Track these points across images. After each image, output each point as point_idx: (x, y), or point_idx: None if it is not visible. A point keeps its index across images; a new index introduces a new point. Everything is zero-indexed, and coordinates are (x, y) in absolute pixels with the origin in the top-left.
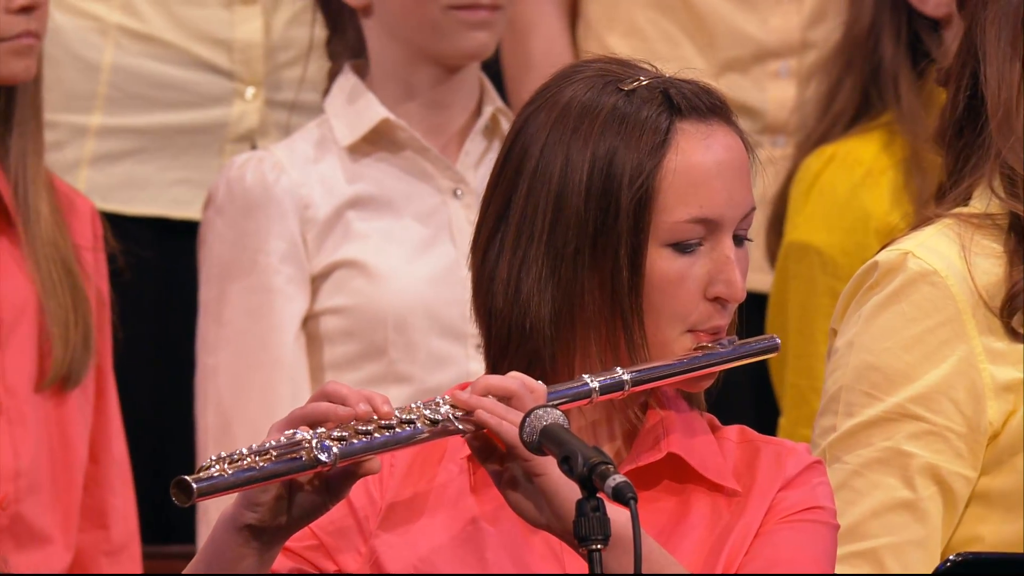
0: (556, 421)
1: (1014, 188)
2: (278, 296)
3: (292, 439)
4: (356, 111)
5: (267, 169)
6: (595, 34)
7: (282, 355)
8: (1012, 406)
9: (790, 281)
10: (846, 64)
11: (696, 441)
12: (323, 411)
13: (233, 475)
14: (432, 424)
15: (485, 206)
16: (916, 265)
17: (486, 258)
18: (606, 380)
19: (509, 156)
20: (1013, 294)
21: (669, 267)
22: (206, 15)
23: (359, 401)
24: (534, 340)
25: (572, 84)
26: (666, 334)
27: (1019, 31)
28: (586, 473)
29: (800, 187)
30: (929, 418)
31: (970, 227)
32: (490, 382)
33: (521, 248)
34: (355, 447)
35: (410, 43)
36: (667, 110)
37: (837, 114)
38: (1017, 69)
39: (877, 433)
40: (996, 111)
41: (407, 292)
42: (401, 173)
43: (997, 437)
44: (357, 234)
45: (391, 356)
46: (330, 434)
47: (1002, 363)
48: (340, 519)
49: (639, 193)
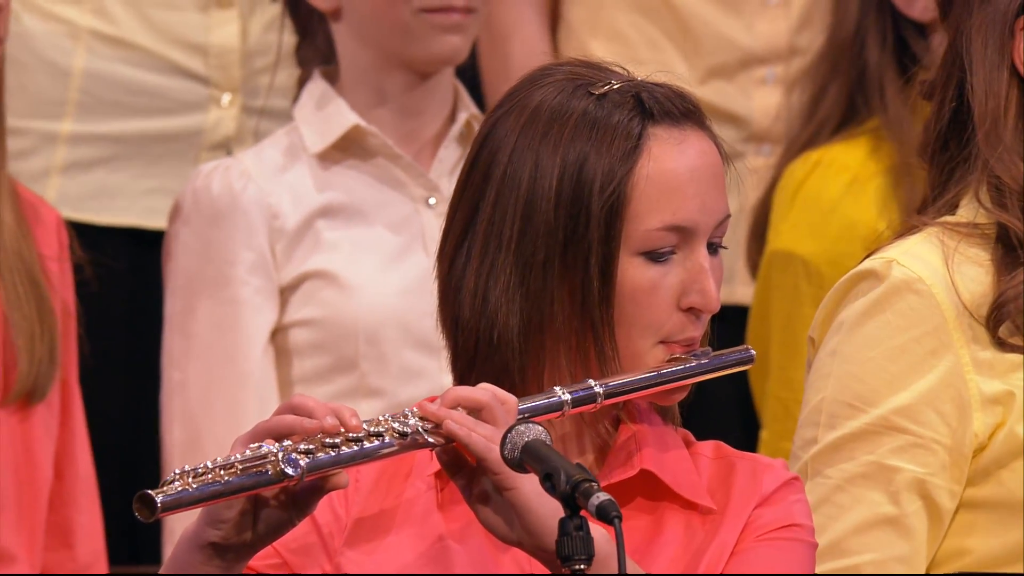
0: (538, 437)
1: (1002, 199)
2: (246, 308)
3: (258, 452)
4: (326, 117)
5: (234, 178)
6: (576, 39)
7: (250, 369)
8: (999, 418)
9: (773, 291)
10: (831, 69)
11: (670, 457)
12: (289, 424)
13: (197, 489)
14: (401, 437)
15: (452, 213)
16: (901, 273)
17: (453, 267)
18: (578, 392)
19: (476, 161)
20: (1000, 303)
21: (641, 276)
22: (181, 19)
23: (326, 414)
24: (502, 352)
25: (541, 88)
26: (638, 345)
27: (1006, 38)
28: (569, 491)
29: (784, 194)
30: (914, 430)
31: (956, 235)
32: (460, 394)
33: (489, 257)
34: (322, 460)
35: (381, 48)
36: (639, 115)
37: (822, 120)
38: (1004, 77)
39: (860, 446)
40: (983, 121)
41: (379, 304)
42: (372, 181)
43: (983, 450)
44: (327, 244)
45: (362, 369)
46: (297, 447)
47: (988, 374)
48: (304, 536)
49: (610, 200)
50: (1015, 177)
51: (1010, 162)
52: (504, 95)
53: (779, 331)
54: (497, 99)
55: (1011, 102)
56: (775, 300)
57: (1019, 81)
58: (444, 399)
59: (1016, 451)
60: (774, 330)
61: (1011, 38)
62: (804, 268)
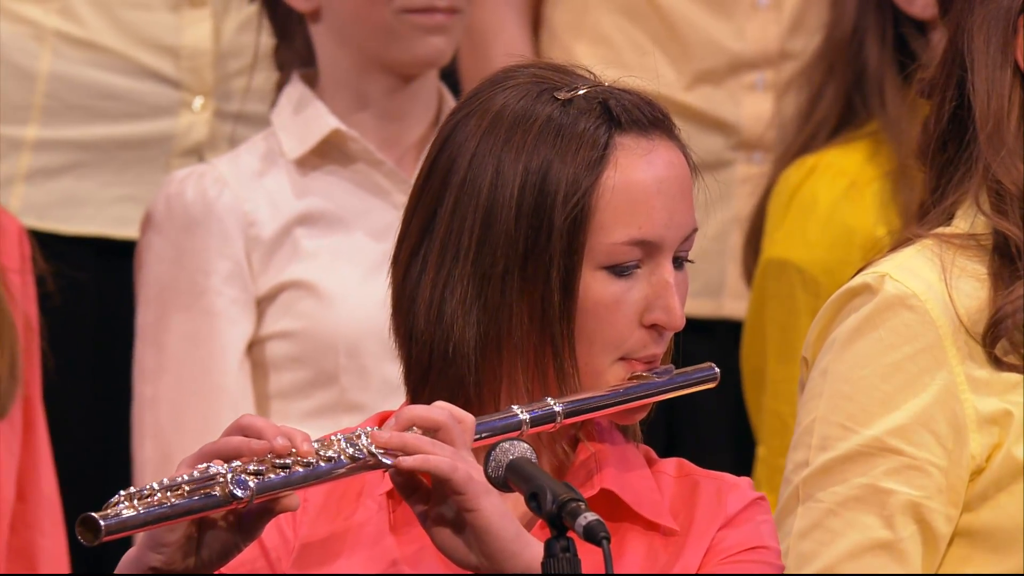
0: (523, 455)
1: (1002, 205)
2: (221, 320)
3: (205, 473)
4: (305, 122)
5: (208, 184)
6: (560, 42)
7: (225, 383)
8: (996, 439)
9: (768, 301)
10: (828, 70)
11: (631, 476)
12: (236, 445)
13: (143, 512)
14: (353, 460)
15: (408, 218)
16: (894, 288)
17: (407, 275)
18: (537, 412)
19: (435, 166)
20: (996, 320)
21: (604, 291)
22: (151, 19)
23: (276, 435)
24: (458, 366)
25: (504, 91)
26: (598, 362)
27: (1009, 36)
28: (555, 511)
29: (779, 200)
30: (909, 452)
31: (952, 248)
32: (415, 413)
33: (446, 267)
34: (273, 482)
35: (362, 50)
36: (606, 123)
37: (818, 123)
38: (1008, 76)
39: (853, 469)
40: (985, 122)
41: (360, 315)
42: (353, 188)
43: (981, 472)
44: (306, 253)
45: (343, 384)
46: (246, 468)
47: (985, 393)
48: (252, 561)
49: (574, 211)
50: (1016, 182)
51: (1012, 165)
52: (464, 97)
53: (775, 342)
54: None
55: (1014, 103)
56: (770, 310)
57: (1022, 81)
58: (399, 419)
59: (1015, 474)
60: (770, 341)
61: (1014, 35)
62: (800, 277)
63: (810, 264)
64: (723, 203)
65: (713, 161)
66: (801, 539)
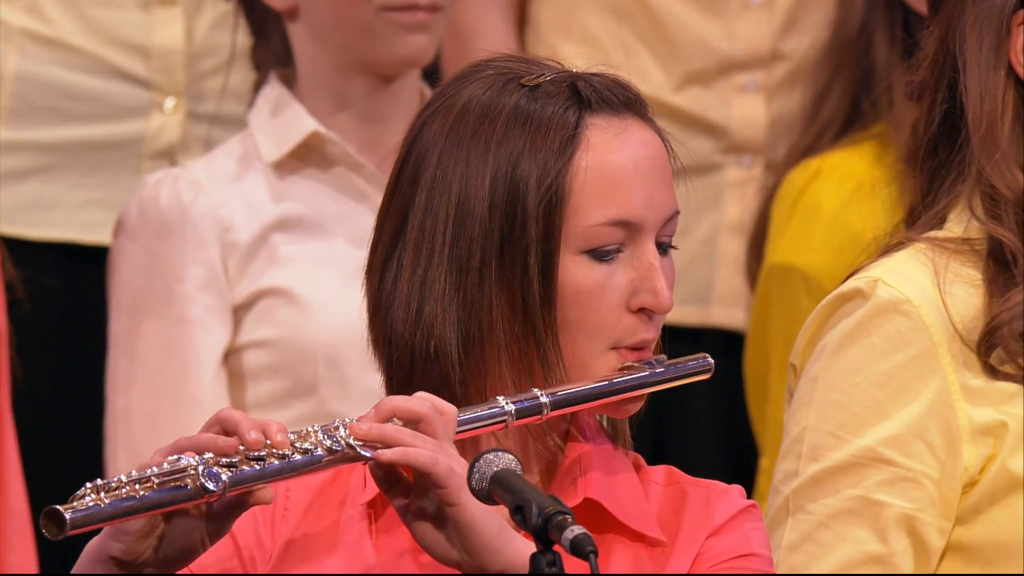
0: (508, 466)
1: (996, 210)
2: (196, 328)
3: (176, 465)
4: (282, 124)
5: (183, 188)
6: (545, 41)
7: (200, 394)
8: (991, 450)
9: (772, 307)
10: (834, 68)
11: (617, 484)
12: (203, 443)
13: (110, 505)
14: (331, 452)
15: (380, 223)
16: (887, 293)
17: (383, 281)
18: (522, 403)
19: (404, 167)
20: (992, 328)
21: (585, 276)
22: (121, 18)
23: (250, 428)
24: (441, 364)
25: (470, 84)
26: (586, 352)
27: (1003, 36)
28: (541, 524)
29: (783, 204)
30: (902, 462)
31: (945, 252)
32: (396, 404)
33: (421, 265)
34: (246, 474)
35: (341, 49)
36: (575, 104)
37: (824, 124)
38: (1001, 78)
39: (845, 480)
40: (978, 125)
41: (339, 323)
42: (333, 192)
43: (974, 484)
44: (284, 259)
45: (322, 394)
46: (219, 460)
47: (980, 403)
48: (225, 559)
49: (548, 195)
50: (1011, 186)
51: (1006, 170)
52: (432, 96)
53: (779, 350)
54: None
55: (1007, 105)
56: (774, 317)
57: (1016, 82)
58: (379, 410)
59: (1009, 487)
60: (774, 349)
61: (1008, 36)
62: (805, 283)
63: (815, 270)
64: (712, 207)
65: (702, 164)
66: (791, 552)
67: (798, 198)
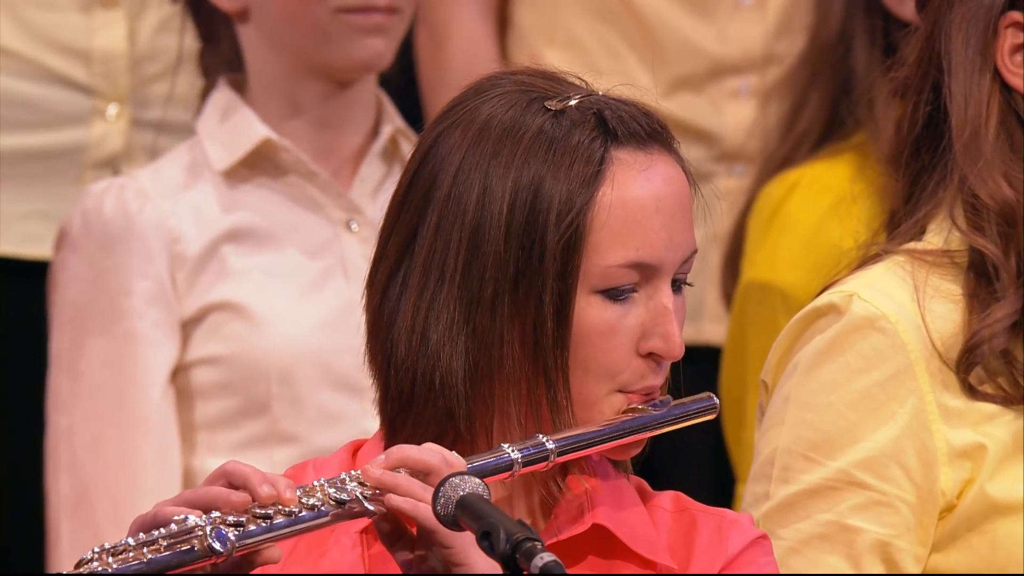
0: (475, 491)
1: (978, 220)
2: (142, 345)
3: (183, 526)
4: (232, 130)
5: (129, 198)
6: (527, 45)
7: (147, 413)
8: (968, 474)
9: (749, 326)
10: (812, 76)
11: (625, 511)
12: (213, 497)
13: (119, 569)
14: (338, 505)
15: (385, 237)
16: (862, 309)
17: (385, 299)
18: (529, 450)
19: (415, 180)
20: (972, 346)
21: (599, 316)
22: (60, 21)
23: (262, 483)
24: (446, 398)
25: (490, 99)
26: (592, 393)
27: (989, 38)
28: (509, 551)
29: (760, 218)
30: (877, 486)
31: (924, 266)
32: (406, 454)
33: (429, 290)
34: (253, 533)
35: (294, 53)
36: (601, 135)
37: (801, 134)
38: (987, 82)
39: (817, 504)
40: (962, 130)
41: (293, 339)
42: (286, 201)
43: (951, 510)
44: (235, 272)
45: (274, 413)
46: (225, 519)
47: (958, 424)
48: None
49: (568, 232)
50: (994, 195)
51: (989, 178)
52: (447, 106)
53: (756, 372)
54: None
55: (992, 110)
56: (751, 337)
57: (1002, 87)
58: (388, 459)
59: (987, 513)
60: (750, 370)
61: (995, 37)
62: (783, 301)
63: (794, 287)
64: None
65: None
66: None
67: (775, 212)
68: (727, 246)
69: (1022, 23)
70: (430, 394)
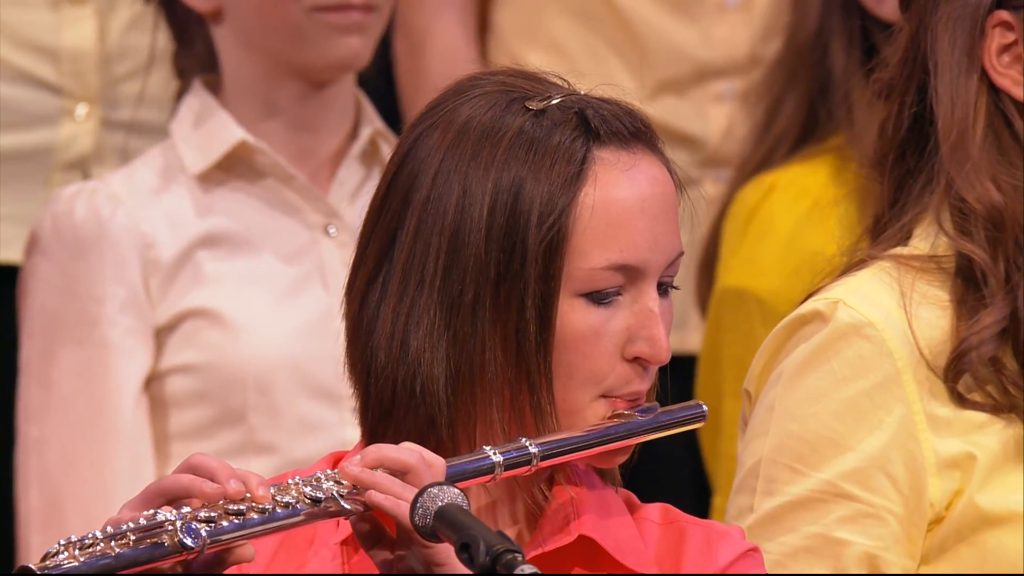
0: (454, 501)
1: (966, 224)
2: (115, 353)
3: (153, 520)
4: (207, 133)
5: (101, 202)
6: (507, 47)
7: (120, 423)
8: (958, 485)
9: (725, 334)
10: (788, 77)
11: (612, 522)
12: (185, 485)
13: (85, 563)
14: (314, 503)
15: (364, 243)
16: (848, 316)
17: (365, 305)
18: (512, 453)
19: (394, 184)
20: (960, 353)
21: (582, 321)
22: (27, 18)
23: (229, 477)
24: (427, 405)
25: (470, 100)
26: (577, 399)
27: (976, 38)
28: (489, 563)
29: (735, 223)
30: (864, 497)
31: (911, 271)
32: (385, 453)
33: (408, 295)
34: (226, 530)
35: (269, 53)
36: (583, 135)
37: (778, 137)
38: (974, 83)
39: (804, 516)
40: (948, 133)
41: (270, 346)
42: (262, 206)
43: (940, 521)
44: (210, 278)
45: (251, 422)
46: (196, 515)
47: (946, 433)
48: None
49: (550, 234)
50: (981, 199)
51: (977, 182)
52: (426, 108)
53: (732, 381)
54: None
55: (979, 112)
56: (727, 344)
57: (989, 88)
58: (365, 458)
59: (976, 524)
60: (726, 380)
61: (982, 37)
62: (759, 308)
63: (770, 294)
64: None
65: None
66: None
67: (751, 217)
68: (702, 251)
69: (1010, 22)
70: (411, 402)
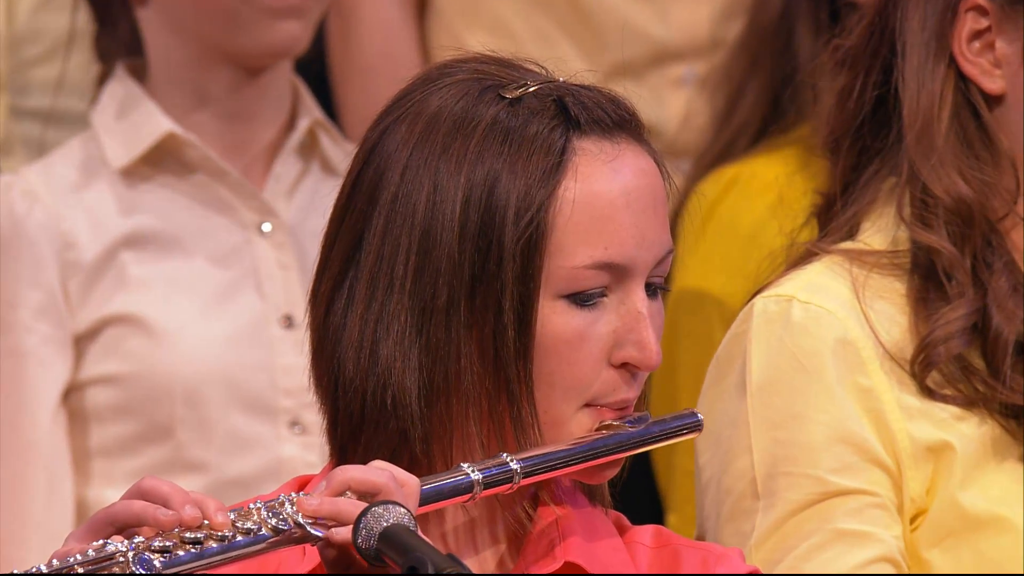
0: (400, 521)
1: (928, 217)
2: (31, 362)
3: (102, 551)
4: (132, 124)
5: (16, 198)
6: (450, 29)
7: (36, 437)
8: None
9: (681, 339)
10: (751, 63)
11: (600, 546)
12: (137, 513)
13: None
14: (278, 531)
15: (328, 245)
16: (803, 311)
17: (330, 313)
18: (491, 470)
19: (359, 182)
20: (927, 344)
21: (564, 324)
22: None
23: (184, 503)
24: (399, 419)
25: (440, 90)
26: (560, 409)
27: (947, 22)
28: None
29: (693, 220)
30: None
31: (864, 265)
32: (350, 475)
33: (377, 301)
34: (182, 559)
35: (200, 37)
36: (562, 124)
37: (739, 127)
38: (941, 70)
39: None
40: (914, 120)
41: (200, 356)
42: (191, 203)
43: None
44: (134, 281)
45: (179, 438)
46: (150, 544)
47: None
48: None
49: (528, 231)
50: (949, 192)
51: (944, 174)
52: (393, 99)
53: (689, 388)
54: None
55: (946, 100)
56: (684, 350)
57: (957, 75)
58: (330, 482)
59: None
60: (683, 388)
61: (953, 21)
62: (718, 310)
63: (731, 296)
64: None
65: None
66: None
67: (710, 213)
68: None
69: (984, 7)
70: (381, 415)
